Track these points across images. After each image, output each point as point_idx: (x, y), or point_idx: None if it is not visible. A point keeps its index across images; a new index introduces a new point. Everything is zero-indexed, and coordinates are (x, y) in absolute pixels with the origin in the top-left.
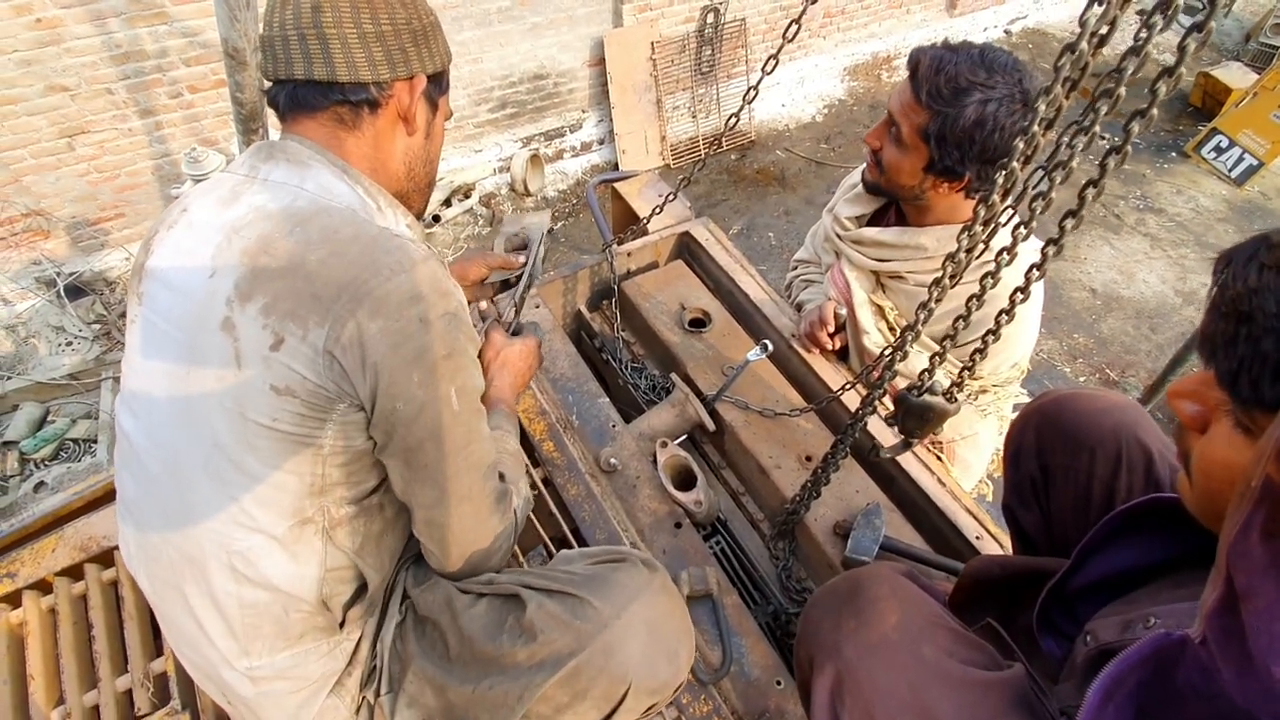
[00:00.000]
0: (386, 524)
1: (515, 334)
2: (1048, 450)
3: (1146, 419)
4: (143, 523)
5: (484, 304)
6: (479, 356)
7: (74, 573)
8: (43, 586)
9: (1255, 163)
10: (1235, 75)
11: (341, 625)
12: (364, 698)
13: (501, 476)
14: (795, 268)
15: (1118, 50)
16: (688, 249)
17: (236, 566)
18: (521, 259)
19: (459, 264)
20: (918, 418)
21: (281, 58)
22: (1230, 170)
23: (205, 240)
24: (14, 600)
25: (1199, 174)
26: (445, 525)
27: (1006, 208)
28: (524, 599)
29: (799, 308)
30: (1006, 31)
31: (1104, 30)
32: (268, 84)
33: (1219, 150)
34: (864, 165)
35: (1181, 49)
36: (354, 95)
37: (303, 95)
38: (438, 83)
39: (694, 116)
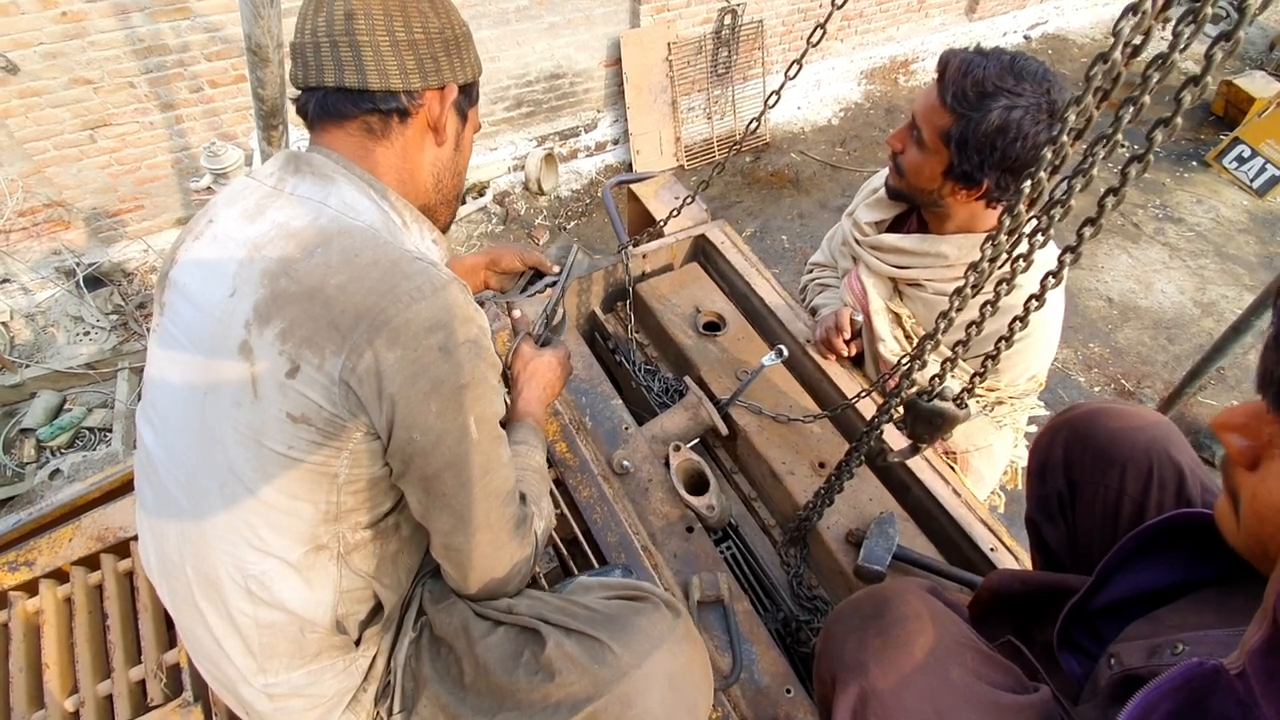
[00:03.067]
0: (403, 543)
1: (544, 345)
2: (1076, 465)
3: (1179, 436)
4: (161, 536)
5: (516, 312)
6: (509, 368)
7: (90, 562)
8: (59, 575)
9: (1278, 173)
10: (1259, 84)
11: (358, 643)
12: (378, 713)
13: (523, 498)
14: (810, 271)
15: (1147, 59)
16: (703, 252)
17: (251, 589)
18: (557, 268)
19: (495, 250)
20: (927, 423)
21: (313, 65)
22: (1252, 180)
23: (228, 256)
24: (31, 589)
25: (1220, 184)
26: (464, 551)
27: (1032, 217)
28: (543, 635)
29: (813, 311)
30: (1026, 37)
31: (1138, 40)
32: (297, 92)
33: (1241, 160)
34: (886, 169)
35: (1208, 58)
36: (384, 104)
37: (333, 103)
38: (468, 94)
39: (709, 118)
